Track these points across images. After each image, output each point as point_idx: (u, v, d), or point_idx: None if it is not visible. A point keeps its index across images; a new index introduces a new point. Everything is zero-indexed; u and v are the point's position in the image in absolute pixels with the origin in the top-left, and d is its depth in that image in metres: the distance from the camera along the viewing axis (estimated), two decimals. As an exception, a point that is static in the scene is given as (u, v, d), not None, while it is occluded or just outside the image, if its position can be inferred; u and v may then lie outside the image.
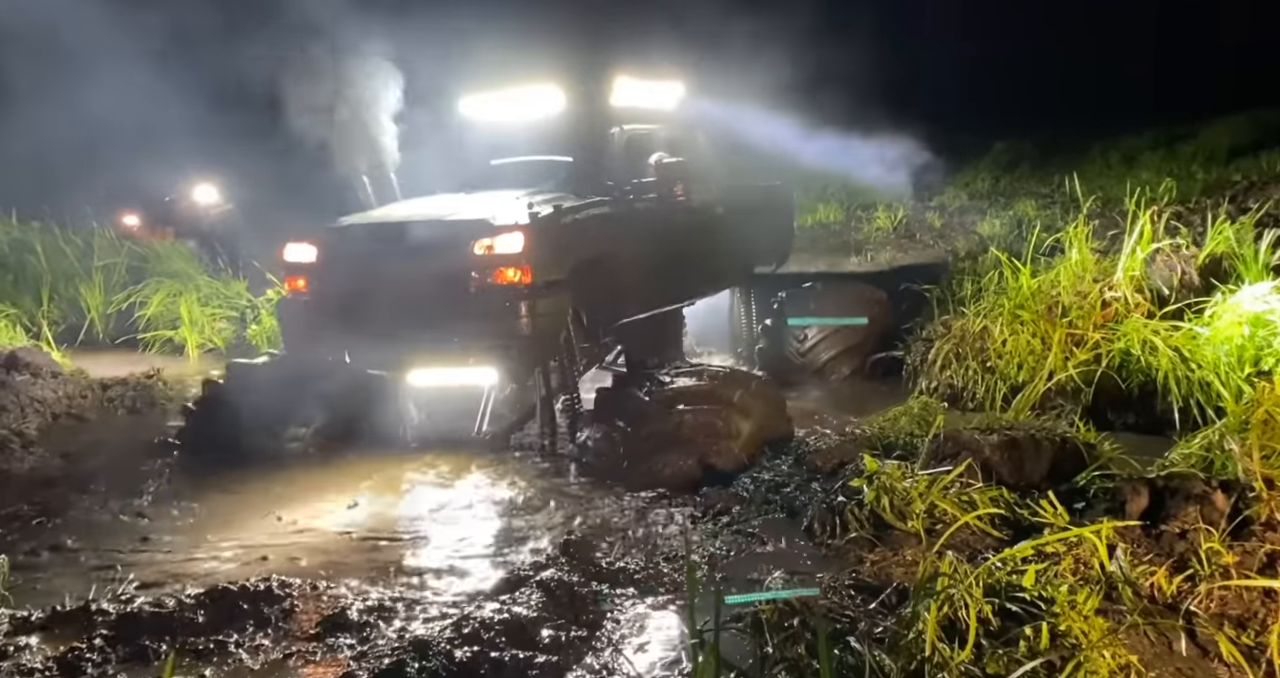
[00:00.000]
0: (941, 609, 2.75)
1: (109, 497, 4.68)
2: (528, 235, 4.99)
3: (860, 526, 3.73)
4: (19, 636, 2.98)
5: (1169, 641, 2.75)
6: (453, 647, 2.68)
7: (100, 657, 2.83)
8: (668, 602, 3.21)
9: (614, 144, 6.30)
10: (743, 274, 7.98)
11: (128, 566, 3.74)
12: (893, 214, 14.07)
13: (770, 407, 5.41)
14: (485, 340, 5.01)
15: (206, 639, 2.94)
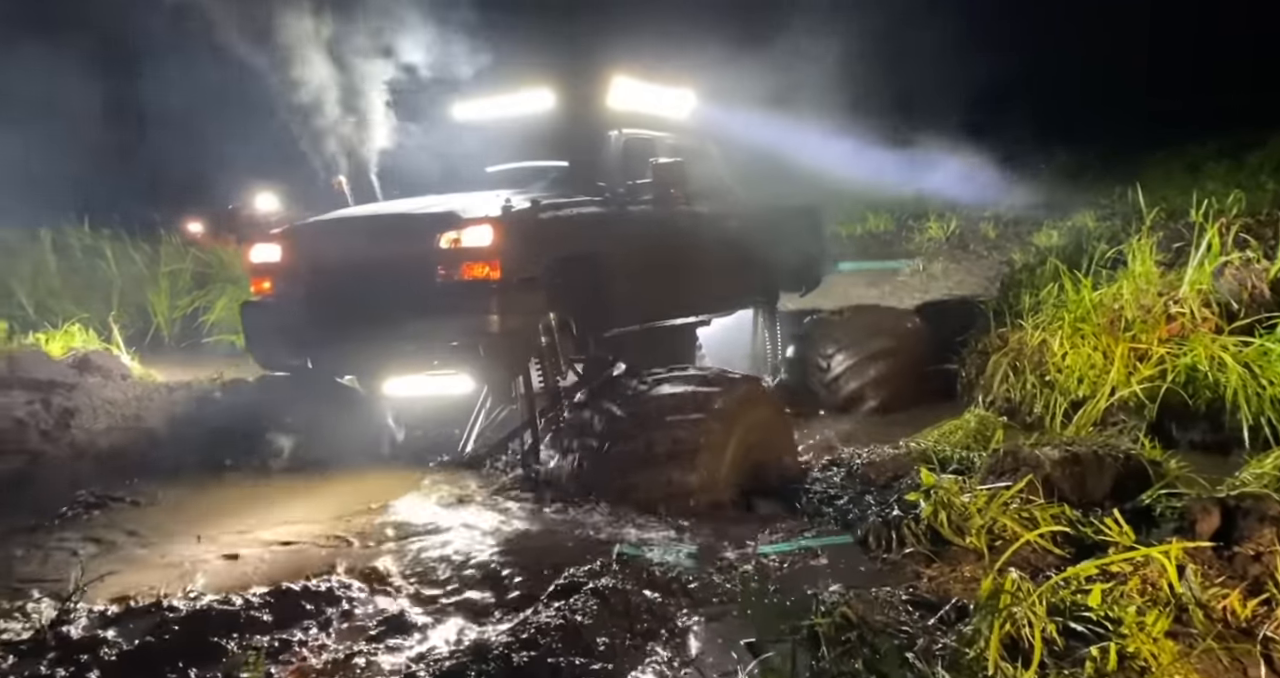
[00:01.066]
0: (1004, 628, 2.70)
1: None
2: (497, 228, 4.67)
3: (917, 540, 3.68)
4: (97, 630, 3.09)
5: (1244, 666, 2.67)
6: (510, 651, 2.70)
7: (170, 653, 2.91)
8: (722, 613, 3.20)
9: (611, 147, 6.00)
10: (764, 296, 7.63)
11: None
12: (945, 224, 13.89)
13: (767, 418, 5.03)
14: (451, 339, 4.70)
15: (272, 637, 3.01)
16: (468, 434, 5.74)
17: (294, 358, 5.30)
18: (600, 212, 5.57)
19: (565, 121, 6.15)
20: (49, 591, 3.47)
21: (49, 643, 2.94)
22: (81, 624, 3.11)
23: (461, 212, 4.81)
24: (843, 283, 12.01)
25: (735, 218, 6.99)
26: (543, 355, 4.98)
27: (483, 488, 4.90)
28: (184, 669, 2.79)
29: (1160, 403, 5.60)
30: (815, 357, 7.28)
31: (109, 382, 6.93)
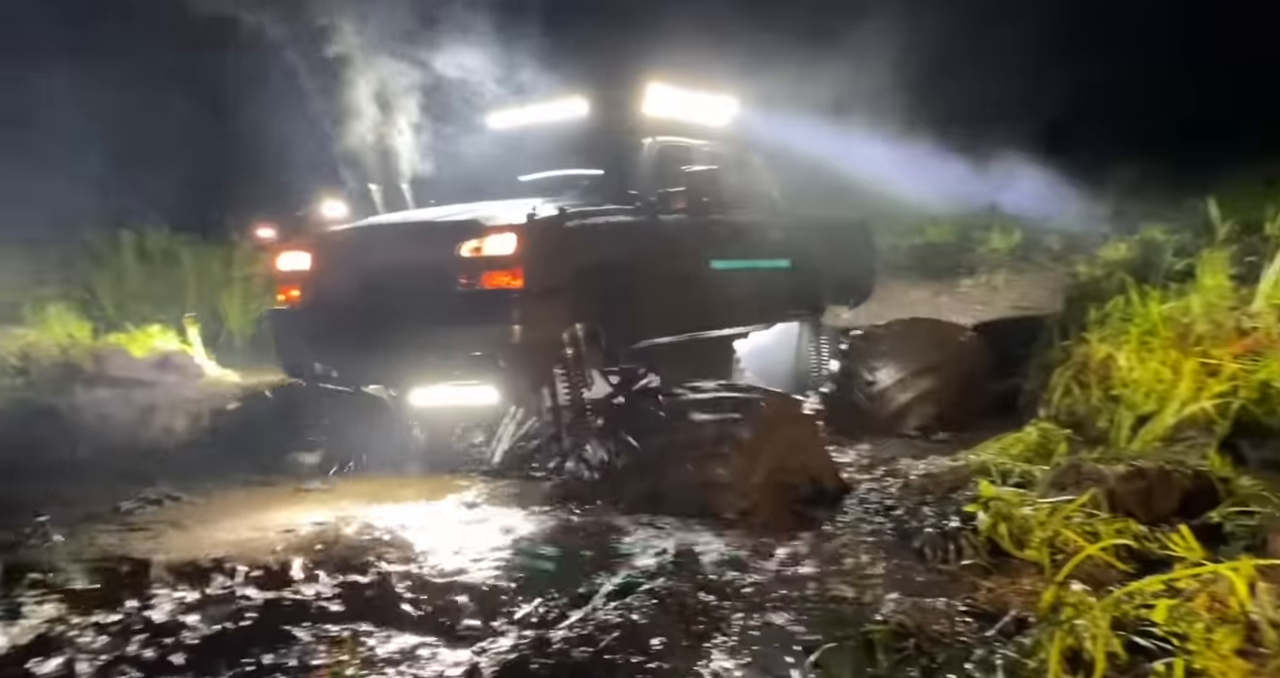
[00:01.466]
0: (1065, 640, 2.68)
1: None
2: (520, 236, 4.59)
3: (975, 552, 3.66)
4: (179, 615, 3.24)
5: (1317, 688, 2.59)
6: (570, 646, 2.77)
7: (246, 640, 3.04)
8: (777, 617, 3.22)
9: (644, 155, 5.88)
10: (807, 310, 7.43)
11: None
12: (1008, 236, 13.65)
13: (799, 436, 4.90)
14: (472, 349, 4.61)
15: (341, 628, 3.13)
16: (496, 444, 5.71)
17: (318, 366, 5.26)
18: (630, 220, 5.46)
19: (598, 129, 6.07)
20: (120, 578, 3.59)
21: (135, 626, 3.10)
22: (165, 609, 3.26)
23: (484, 220, 4.76)
24: (900, 295, 11.88)
25: (776, 228, 6.84)
26: (568, 366, 4.88)
27: (515, 497, 4.95)
28: (259, 654, 2.91)
29: (1232, 420, 5.43)
30: (861, 370, 6.99)
31: (185, 381, 7.23)
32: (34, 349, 7.17)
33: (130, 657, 2.93)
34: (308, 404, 5.65)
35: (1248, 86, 15.63)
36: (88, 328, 8.09)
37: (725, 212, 6.12)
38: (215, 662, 2.88)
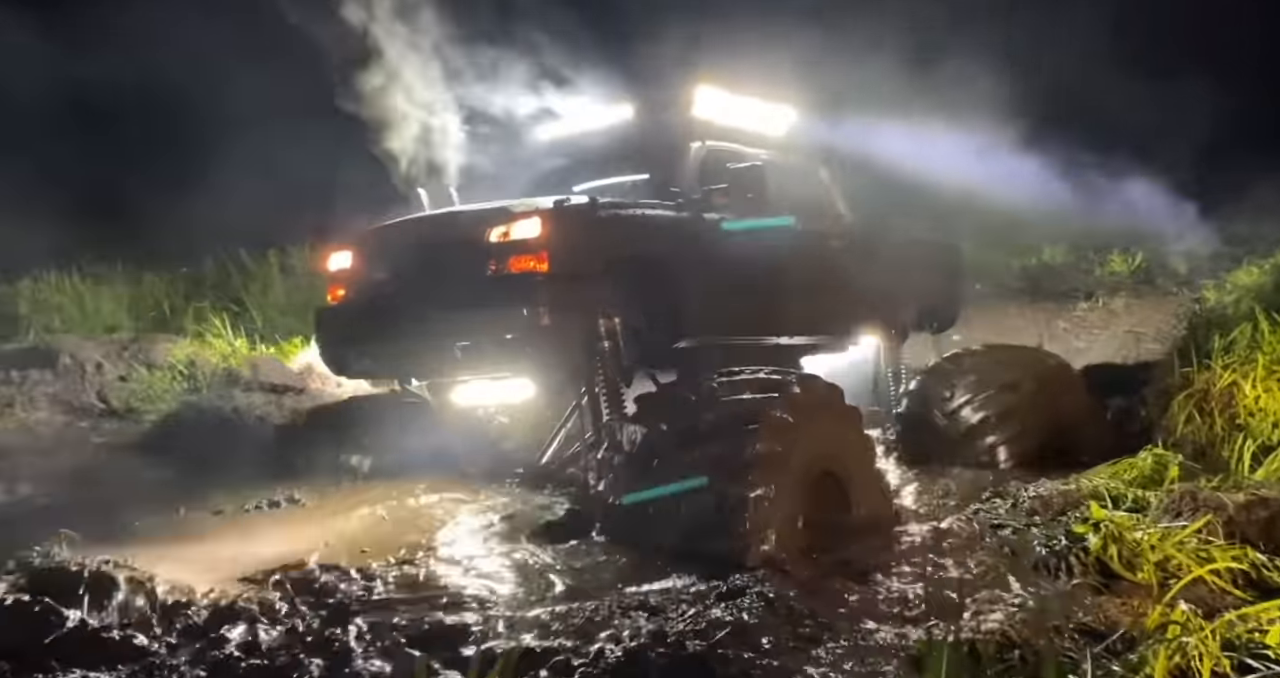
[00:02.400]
0: (1172, 659, 2.75)
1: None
2: (545, 221, 4.58)
3: (1085, 572, 3.71)
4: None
5: None
6: (684, 639, 3.01)
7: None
8: (882, 624, 3.37)
9: (690, 159, 5.74)
10: (883, 331, 7.05)
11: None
12: (1130, 257, 13.19)
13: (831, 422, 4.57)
14: (501, 333, 4.57)
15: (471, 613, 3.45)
16: (547, 445, 5.59)
17: (358, 362, 5.30)
18: (671, 215, 5.36)
19: (644, 133, 5.96)
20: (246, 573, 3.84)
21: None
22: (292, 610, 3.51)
23: (512, 207, 4.81)
24: (1010, 319, 11.65)
25: (842, 240, 6.63)
26: (604, 361, 4.75)
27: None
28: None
29: (1368, 453, 5.24)
30: (935, 402, 6.44)
31: (325, 388, 7.85)
32: (198, 357, 7.93)
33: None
34: (376, 411, 5.74)
35: None
36: (243, 340, 8.81)
37: (778, 215, 5.94)
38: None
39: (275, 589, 3.57)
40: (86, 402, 7.07)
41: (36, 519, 4.41)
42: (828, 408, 4.60)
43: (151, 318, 11.06)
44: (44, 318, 10.06)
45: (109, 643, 2.83)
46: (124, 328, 10.17)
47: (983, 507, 5.02)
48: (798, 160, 6.70)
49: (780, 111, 6.55)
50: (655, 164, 5.89)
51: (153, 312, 11.29)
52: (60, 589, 2.96)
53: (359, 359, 5.28)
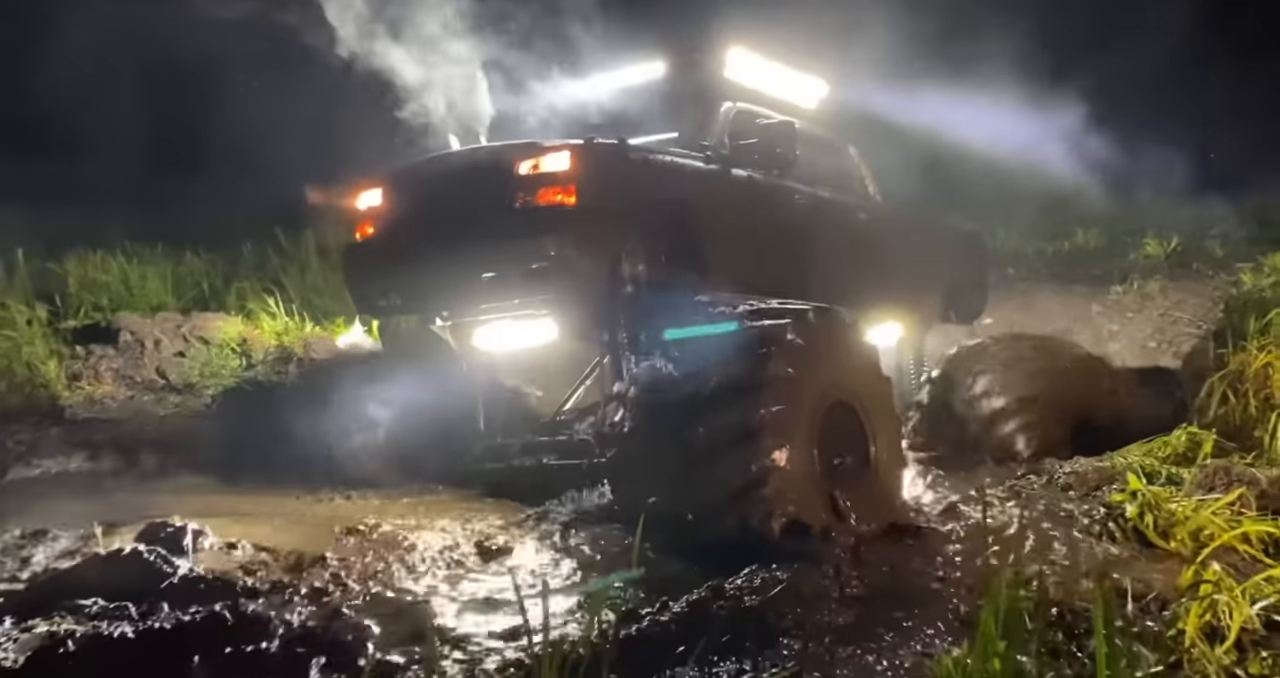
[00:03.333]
0: (1204, 616, 2.91)
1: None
2: (575, 155, 4.62)
3: (1122, 539, 3.87)
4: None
5: None
6: (742, 594, 3.21)
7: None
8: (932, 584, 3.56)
9: (720, 117, 5.71)
10: (905, 317, 7.04)
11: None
12: (1165, 241, 13.13)
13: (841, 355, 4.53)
14: (527, 262, 4.56)
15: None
16: (567, 398, 5.65)
17: (383, 299, 5.26)
18: (698, 165, 5.35)
19: (675, 91, 6.00)
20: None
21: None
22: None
23: (543, 142, 4.86)
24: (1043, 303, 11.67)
25: (868, 216, 6.64)
26: (627, 307, 4.78)
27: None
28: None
29: (1401, 433, 5.31)
30: (958, 391, 6.45)
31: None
32: (249, 335, 8.22)
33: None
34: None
35: None
36: (295, 319, 9.09)
37: (812, 183, 6.02)
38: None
39: (346, 545, 3.84)
40: (147, 377, 7.38)
41: (125, 487, 4.69)
42: (842, 338, 4.66)
43: (191, 297, 11.42)
44: (93, 296, 10.42)
45: (213, 587, 3.08)
46: (169, 306, 10.51)
47: (1017, 482, 5.17)
48: (827, 134, 6.70)
49: (812, 83, 6.54)
50: (685, 122, 5.89)
51: (193, 292, 11.66)
52: (168, 544, 3.22)
53: (385, 295, 5.24)
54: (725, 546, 3.72)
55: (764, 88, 6.17)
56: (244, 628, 2.87)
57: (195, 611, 2.84)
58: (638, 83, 6.14)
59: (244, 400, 6.49)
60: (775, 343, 4.14)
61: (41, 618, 2.78)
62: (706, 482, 3.87)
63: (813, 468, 4.10)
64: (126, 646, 2.58)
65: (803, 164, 5.87)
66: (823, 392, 4.29)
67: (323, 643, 2.80)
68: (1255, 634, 2.83)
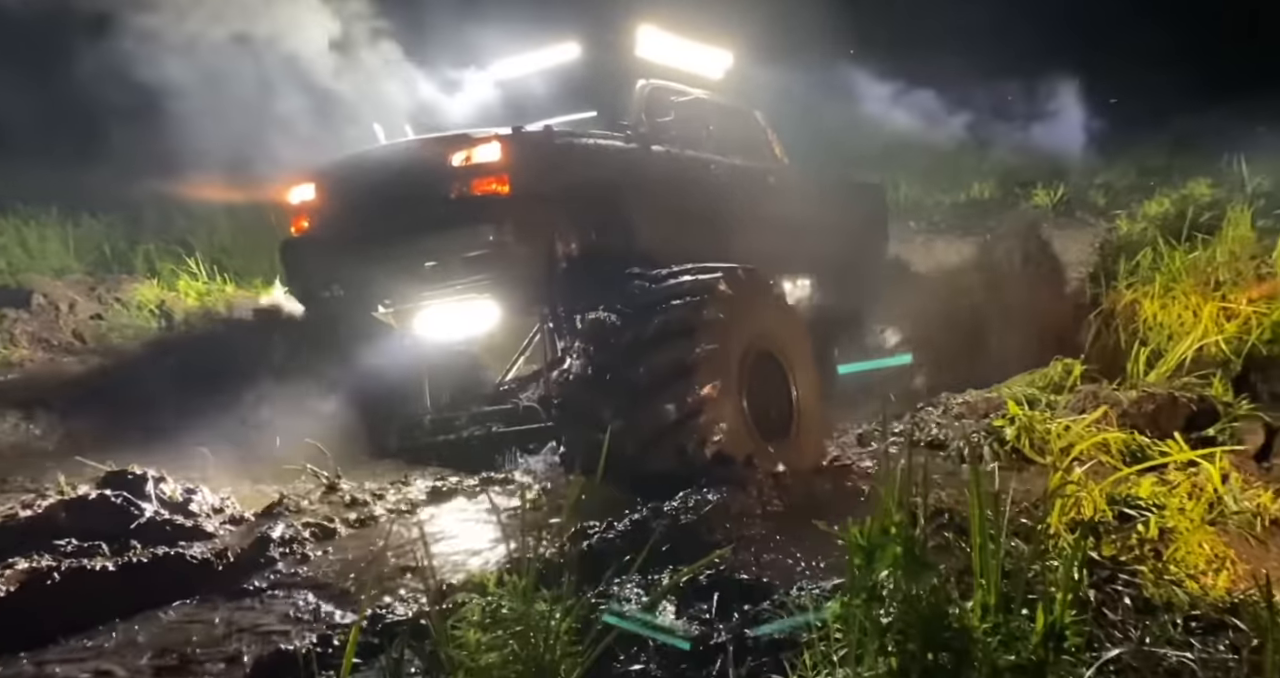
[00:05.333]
0: (1068, 513, 3.41)
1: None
2: (505, 145, 4.85)
3: (1002, 457, 4.39)
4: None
5: (1269, 547, 3.31)
6: (679, 513, 3.58)
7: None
8: (828, 500, 4.00)
9: (636, 95, 5.96)
10: (815, 266, 7.48)
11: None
12: (1052, 191, 13.97)
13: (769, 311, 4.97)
14: (465, 250, 4.82)
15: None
16: (508, 369, 5.93)
17: (325, 290, 5.45)
18: (620, 145, 5.62)
19: (591, 72, 6.25)
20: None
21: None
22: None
23: (472, 134, 5.05)
24: (940, 253, 12.37)
25: (778, 179, 7.00)
26: (562, 284, 5.05)
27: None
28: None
29: (1245, 358, 6.04)
30: (869, 323, 7.27)
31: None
32: (166, 297, 8.12)
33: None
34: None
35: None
36: (221, 280, 8.97)
37: (720, 151, 6.33)
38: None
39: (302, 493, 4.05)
40: (64, 339, 7.26)
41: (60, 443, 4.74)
42: (766, 294, 5.10)
43: (93, 260, 11.06)
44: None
45: (180, 528, 3.27)
46: (74, 270, 10.20)
47: (918, 413, 5.69)
48: (735, 103, 7.06)
49: (718, 54, 6.86)
50: (603, 101, 6.18)
51: (93, 255, 11.27)
52: (131, 489, 3.38)
53: (327, 287, 5.45)
54: (662, 476, 4.11)
55: (674, 63, 6.44)
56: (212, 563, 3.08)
57: (166, 549, 3.03)
58: (553, 64, 6.36)
59: (173, 362, 6.46)
60: (709, 291, 4.57)
61: (20, 556, 2.92)
62: (647, 415, 4.26)
63: (741, 404, 4.51)
64: (108, 578, 2.77)
65: (715, 135, 6.23)
66: (749, 340, 4.70)
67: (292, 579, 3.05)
68: (1110, 525, 3.35)
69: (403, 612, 2.64)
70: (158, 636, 2.70)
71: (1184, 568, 2.98)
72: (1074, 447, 4.37)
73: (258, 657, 2.39)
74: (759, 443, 4.54)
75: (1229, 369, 6.06)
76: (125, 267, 10.43)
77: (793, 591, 3.01)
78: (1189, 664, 2.17)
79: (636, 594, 2.97)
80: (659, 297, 4.57)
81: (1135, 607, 2.68)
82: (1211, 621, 2.40)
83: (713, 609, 2.91)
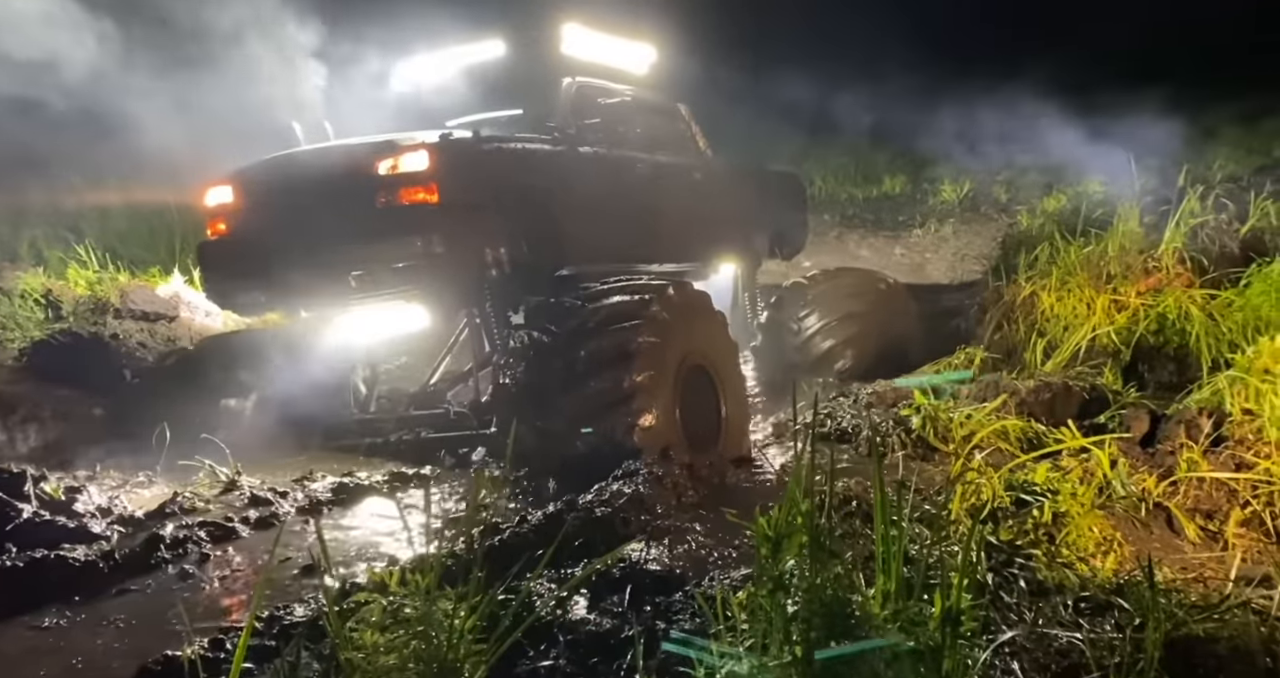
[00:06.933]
0: (969, 500, 3.53)
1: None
2: (433, 154, 4.78)
3: (908, 446, 4.51)
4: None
5: (1152, 529, 3.49)
6: (594, 506, 3.56)
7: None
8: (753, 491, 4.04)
9: (563, 93, 5.96)
10: (741, 258, 7.65)
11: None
12: (959, 187, 14.45)
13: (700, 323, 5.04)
14: (394, 262, 4.74)
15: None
16: (435, 368, 5.87)
17: (246, 295, 5.35)
18: (548, 148, 5.60)
19: (516, 69, 6.21)
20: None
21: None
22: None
23: (400, 140, 4.96)
24: (853, 247, 12.69)
25: (702, 172, 7.05)
26: (492, 288, 5.07)
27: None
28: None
29: (1134, 348, 6.35)
30: (788, 320, 7.37)
31: (196, 316, 7.79)
32: (53, 286, 7.66)
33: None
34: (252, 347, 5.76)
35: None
36: (117, 270, 8.52)
37: (652, 151, 6.39)
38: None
39: (202, 493, 3.87)
40: (-64, 333, 6.79)
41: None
42: (698, 309, 5.13)
43: (-31, 248, 10.39)
44: None
45: (62, 529, 3.08)
46: (-54, 259, 9.57)
47: (830, 404, 5.81)
48: (660, 99, 7.11)
49: (642, 49, 6.89)
50: (529, 99, 6.14)
51: (-31, 241, 10.59)
52: (6, 488, 3.16)
53: (247, 292, 5.32)
54: (584, 466, 4.11)
55: (600, 59, 6.42)
56: (97, 565, 2.92)
57: (45, 551, 2.86)
58: (478, 61, 6.27)
59: (64, 355, 6.11)
60: (656, 292, 4.79)
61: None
62: (581, 396, 4.33)
63: (672, 402, 4.58)
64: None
65: (641, 132, 6.24)
66: (684, 352, 4.79)
67: (183, 581, 2.90)
68: (1008, 510, 3.47)
69: (301, 613, 2.54)
70: (32, 644, 2.54)
71: (1075, 551, 3.12)
72: (975, 435, 4.52)
73: (141, 664, 2.27)
74: (685, 444, 4.57)
75: (1119, 359, 6.38)
76: (10, 255, 9.81)
77: (704, 581, 3.04)
78: (1078, 644, 2.27)
79: (549, 589, 2.94)
80: (592, 318, 4.61)
81: (1030, 590, 2.79)
82: (1099, 602, 2.51)
83: (624, 602, 2.91)
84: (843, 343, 7.36)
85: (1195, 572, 3.15)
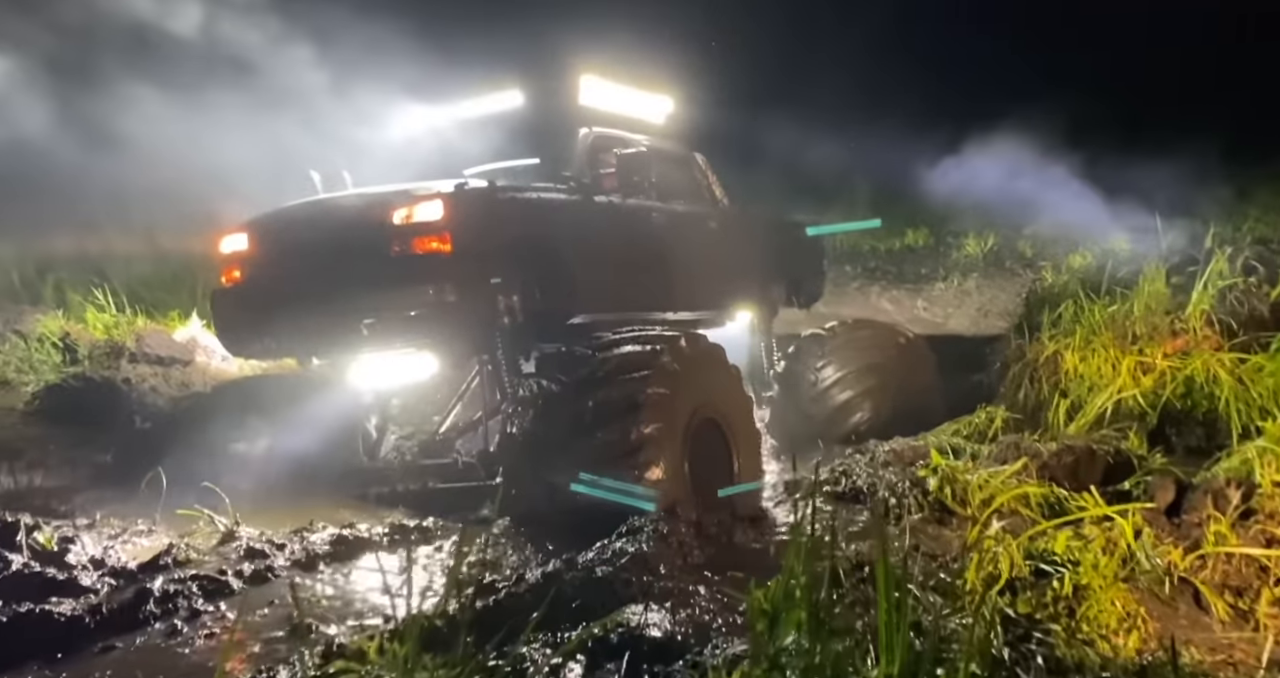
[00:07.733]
0: (985, 568, 3.38)
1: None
2: (448, 203, 4.80)
3: (925, 509, 4.37)
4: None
5: (1178, 605, 3.32)
6: (594, 565, 3.45)
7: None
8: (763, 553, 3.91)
9: (579, 143, 6.04)
10: (756, 307, 7.61)
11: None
12: (983, 241, 14.35)
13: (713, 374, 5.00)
14: (407, 310, 4.76)
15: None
16: (445, 415, 5.88)
17: (259, 342, 5.37)
18: (563, 198, 5.65)
19: (534, 120, 6.28)
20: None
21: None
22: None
23: (414, 190, 5.00)
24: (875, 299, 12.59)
25: (718, 221, 7.08)
26: (504, 336, 5.05)
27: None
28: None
29: (1160, 411, 6.18)
30: (805, 371, 7.32)
31: (212, 361, 7.84)
32: (72, 329, 7.75)
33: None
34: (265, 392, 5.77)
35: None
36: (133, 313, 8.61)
37: (666, 199, 6.46)
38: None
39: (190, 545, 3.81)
40: (-45, 372, 6.86)
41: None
42: (710, 360, 5.07)
43: (-2, 290, 10.55)
44: (-116, 287, 9.49)
45: (51, 582, 3.02)
46: (-26, 300, 9.71)
47: (845, 461, 5.67)
48: (677, 148, 7.17)
49: (659, 100, 7.01)
50: (546, 149, 6.20)
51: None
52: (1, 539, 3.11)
53: (260, 339, 5.34)
54: (586, 520, 4.01)
55: (617, 109, 6.52)
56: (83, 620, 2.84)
57: (31, 605, 2.79)
58: (496, 111, 6.38)
59: (77, 399, 6.13)
60: (668, 342, 4.77)
61: None
62: (588, 447, 4.27)
63: (681, 456, 4.50)
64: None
65: (656, 181, 6.30)
66: (695, 405, 4.73)
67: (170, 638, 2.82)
68: (1026, 580, 3.32)
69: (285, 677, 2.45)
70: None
71: (1096, 627, 2.96)
72: (994, 499, 4.37)
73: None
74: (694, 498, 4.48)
75: (1145, 422, 6.20)
76: (34, 297, 9.95)
77: (706, 650, 2.91)
78: (1098, 731, 2.12)
79: (543, 654, 2.83)
80: (602, 367, 4.57)
81: (1048, 668, 2.64)
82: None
83: (622, 671, 2.79)
84: (860, 395, 7.26)
85: (1224, 653, 2.98)
